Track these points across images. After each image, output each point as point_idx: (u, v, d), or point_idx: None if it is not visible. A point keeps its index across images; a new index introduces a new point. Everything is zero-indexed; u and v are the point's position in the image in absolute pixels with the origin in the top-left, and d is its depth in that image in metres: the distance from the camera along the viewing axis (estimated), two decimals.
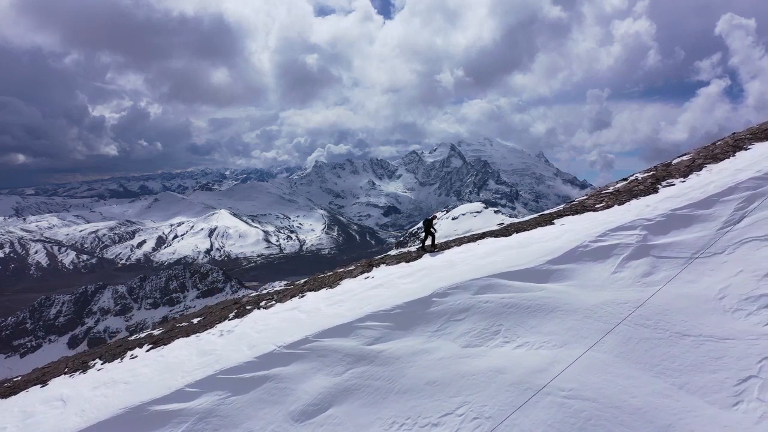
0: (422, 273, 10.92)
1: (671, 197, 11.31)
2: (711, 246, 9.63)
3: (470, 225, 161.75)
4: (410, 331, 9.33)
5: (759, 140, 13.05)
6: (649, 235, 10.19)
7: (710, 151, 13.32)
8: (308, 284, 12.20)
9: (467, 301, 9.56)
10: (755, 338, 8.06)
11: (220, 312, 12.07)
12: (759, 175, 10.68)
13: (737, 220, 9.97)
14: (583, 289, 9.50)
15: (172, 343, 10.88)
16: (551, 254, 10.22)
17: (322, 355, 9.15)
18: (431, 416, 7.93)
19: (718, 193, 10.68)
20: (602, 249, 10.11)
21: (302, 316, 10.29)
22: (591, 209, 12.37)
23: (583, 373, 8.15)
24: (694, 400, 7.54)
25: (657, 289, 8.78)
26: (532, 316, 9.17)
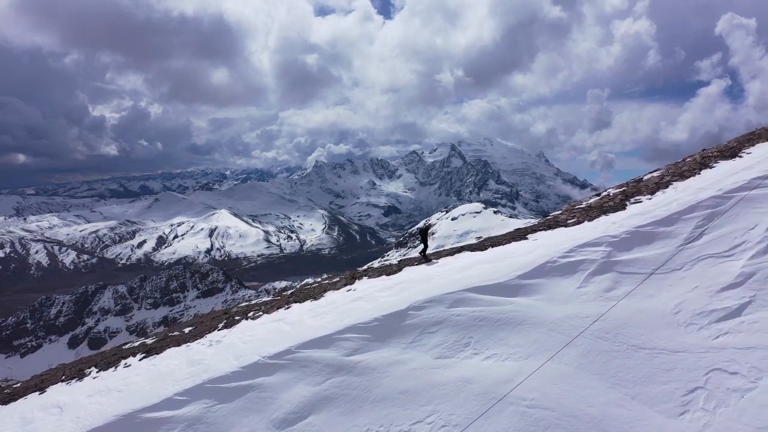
0: (401, 286, 11.51)
1: (637, 214, 11.88)
2: (670, 262, 10.21)
3: (470, 225, 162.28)
4: (387, 342, 9.92)
5: (725, 158, 13.61)
6: (613, 252, 10.77)
7: (679, 168, 13.89)
8: (294, 296, 12.79)
9: (441, 314, 10.15)
10: (704, 351, 8.64)
11: (211, 322, 12.67)
12: (719, 194, 11.25)
13: (696, 238, 10.54)
14: (549, 303, 10.08)
15: (163, 353, 11.47)
16: (522, 269, 10.81)
17: (304, 365, 9.74)
18: (403, 424, 8.51)
19: (680, 211, 11.25)
20: (569, 264, 10.69)
21: (287, 328, 10.88)
22: (563, 225, 12.95)
23: (545, 383, 8.74)
24: (645, 409, 8.12)
25: (613, 304, 9.36)
26: (500, 328, 9.76)
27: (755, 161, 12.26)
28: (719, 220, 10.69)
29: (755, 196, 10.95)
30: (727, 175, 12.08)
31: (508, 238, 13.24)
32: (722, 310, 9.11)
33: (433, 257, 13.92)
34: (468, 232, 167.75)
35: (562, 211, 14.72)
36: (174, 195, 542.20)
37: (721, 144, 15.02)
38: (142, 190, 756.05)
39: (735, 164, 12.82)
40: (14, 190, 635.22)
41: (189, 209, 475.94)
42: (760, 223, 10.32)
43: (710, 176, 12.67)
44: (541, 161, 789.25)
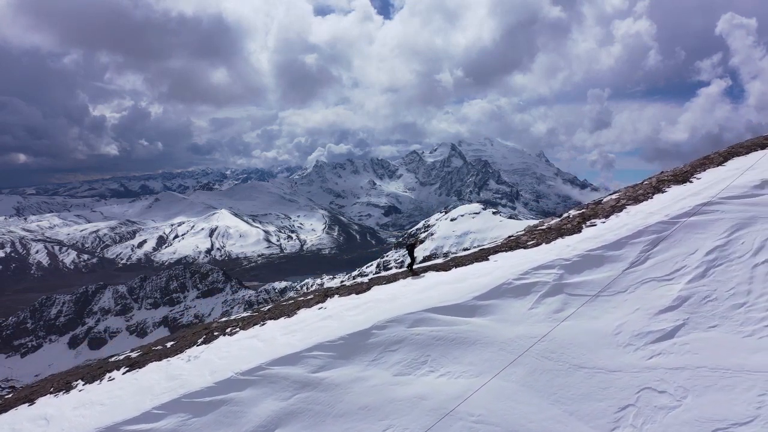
0: (368, 306, 12.24)
1: (590, 238, 12.60)
2: (616, 285, 10.94)
3: (469, 226, 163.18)
4: (350, 360, 10.66)
5: (677, 183, 14.32)
6: (565, 274, 11.50)
7: (635, 192, 14.60)
8: (270, 312, 13.53)
9: (402, 334, 10.89)
10: (638, 371, 9.38)
11: (191, 337, 13.42)
12: (666, 219, 11.96)
13: (641, 261, 11.26)
14: (502, 323, 10.83)
15: (145, 367, 12.22)
16: (479, 290, 11.54)
17: (273, 381, 10.49)
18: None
19: (628, 236, 11.96)
20: (523, 286, 11.42)
21: (260, 345, 11.62)
22: (523, 246, 13.67)
23: (493, 400, 9.49)
24: (580, 425, 8.87)
25: (554, 325, 10.10)
26: (456, 347, 10.50)
27: (703, 187, 12.97)
28: (663, 245, 11.41)
29: (698, 222, 11.67)
30: (676, 201, 12.79)
31: (471, 258, 13.96)
32: (658, 332, 9.85)
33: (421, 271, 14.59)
34: (467, 233, 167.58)
35: (524, 231, 15.44)
36: (174, 195, 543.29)
37: (677, 168, 15.73)
38: (142, 190, 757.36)
39: (685, 189, 13.53)
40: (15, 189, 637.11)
41: (189, 209, 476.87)
42: (700, 248, 11.03)
43: (661, 201, 13.37)
44: (541, 161, 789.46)
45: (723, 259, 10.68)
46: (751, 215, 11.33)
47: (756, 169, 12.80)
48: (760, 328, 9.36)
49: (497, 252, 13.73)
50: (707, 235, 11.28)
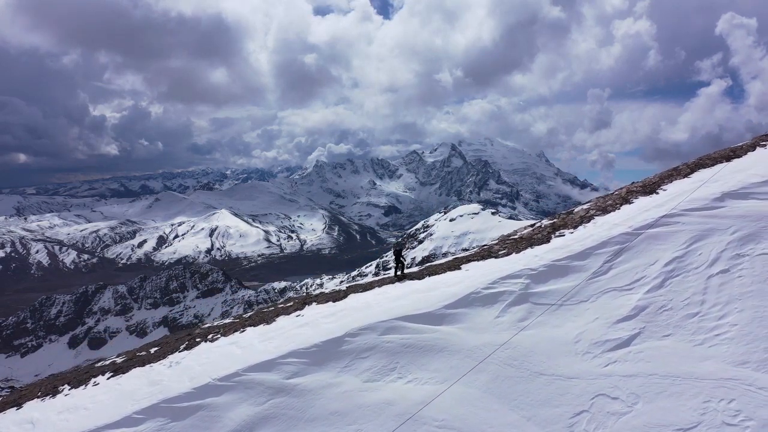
0: (343, 313, 12.70)
1: (557, 248, 13.04)
2: (579, 294, 11.39)
3: (468, 226, 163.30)
4: (323, 366, 11.13)
5: (645, 194, 14.74)
6: (531, 284, 11.95)
7: (604, 202, 15.04)
8: (251, 319, 13.99)
9: (373, 341, 11.35)
10: (594, 378, 9.84)
11: (174, 343, 13.88)
12: (629, 231, 12.40)
13: (604, 272, 11.71)
14: (469, 331, 11.28)
15: (129, 372, 12.69)
16: (449, 299, 12.00)
17: (249, 387, 10.95)
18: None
19: (593, 246, 12.41)
20: (491, 295, 11.87)
21: (238, 351, 12.09)
22: (495, 255, 14.13)
23: (456, 405, 9.96)
24: (536, 430, 9.33)
25: (515, 333, 10.56)
26: (424, 355, 10.97)
27: (667, 199, 13.39)
28: (625, 256, 11.85)
29: (659, 233, 12.11)
30: (641, 212, 13.22)
31: (445, 267, 14.42)
32: (615, 340, 10.30)
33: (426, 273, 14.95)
34: (466, 233, 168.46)
35: (497, 241, 15.89)
36: (174, 195, 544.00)
37: (647, 179, 16.17)
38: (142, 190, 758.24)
39: (651, 201, 13.95)
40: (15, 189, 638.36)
41: (189, 209, 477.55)
42: (660, 259, 11.47)
43: (627, 212, 13.80)
44: (541, 161, 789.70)
45: (680, 270, 11.12)
46: (709, 227, 11.77)
47: (718, 182, 13.24)
48: (711, 337, 9.80)
49: (470, 261, 14.18)
50: (667, 246, 11.72)
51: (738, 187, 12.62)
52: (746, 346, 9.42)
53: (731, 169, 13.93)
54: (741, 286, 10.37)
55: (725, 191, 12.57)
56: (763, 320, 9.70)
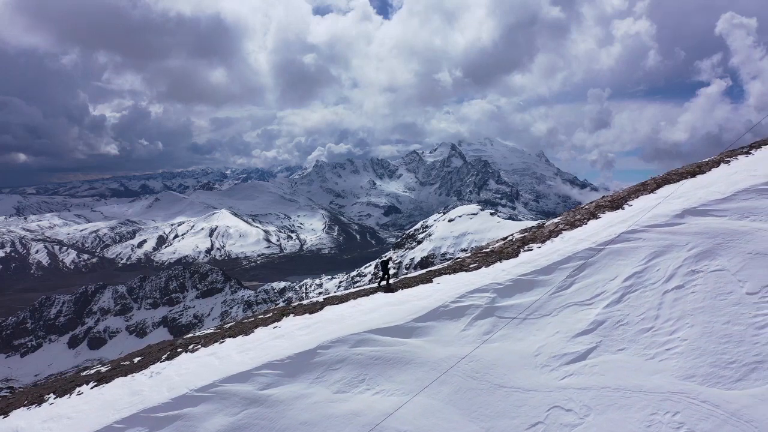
0: (318, 326, 13.17)
1: (524, 262, 13.50)
2: (542, 308, 11.85)
3: (466, 227, 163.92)
4: (296, 378, 11.60)
5: (611, 210, 15.19)
6: (497, 298, 12.42)
7: (573, 217, 15.50)
8: (231, 330, 14.47)
9: (344, 353, 11.83)
10: (550, 390, 10.32)
11: (157, 352, 14.36)
12: (593, 246, 12.86)
13: (567, 286, 12.17)
14: (436, 344, 11.76)
15: (112, 382, 13.17)
16: (418, 312, 12.48)
17: (224, 397, 11.43)
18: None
19: (558, 261, 12.87)
20: (458, 309, 12.34)
21: (216, 362, 12.57)
22: (465, 269, 14.59)
23: (419, 416, 10.44)
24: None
25: (476, 346, 11.04)
26: (392, 367, 11.44)
27: (632, 214, 13.82)
28: (588, 271, 12.31)
29: (621, 248, 12.56)
30: (606, 227, 13.67)
31: (418, 280, 14.90)
32: (572, 354, 10.78)
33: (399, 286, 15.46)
34: (465, 234, 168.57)
35: (471, 254, 16.36)
36: (174, 194, 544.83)
37: (617, 193, 16.60)
38: (142, 190, 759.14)
39: (616, 216, 14.39)
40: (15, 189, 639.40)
41: (189, 209, 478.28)
42: (620, 274, 11.93)
43: (593, 227, 14.24)
44: (541, 161, 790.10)
45: (638, 285, 11.58)
46: (668, 243, 12.21)
47: (681, 198, 13.68)
48: (662, 351, 10.27)
49: (442, 274, 14.65)
50: (627, 262, 12.18)
51: (698, 203, 13.06)
52: (694, 360, 9.89)
53: (694, 186, 14.38)
54: (693, 302, 10.84)
55: (686, 208, 13.01)
56: (712, 335, 10.17)
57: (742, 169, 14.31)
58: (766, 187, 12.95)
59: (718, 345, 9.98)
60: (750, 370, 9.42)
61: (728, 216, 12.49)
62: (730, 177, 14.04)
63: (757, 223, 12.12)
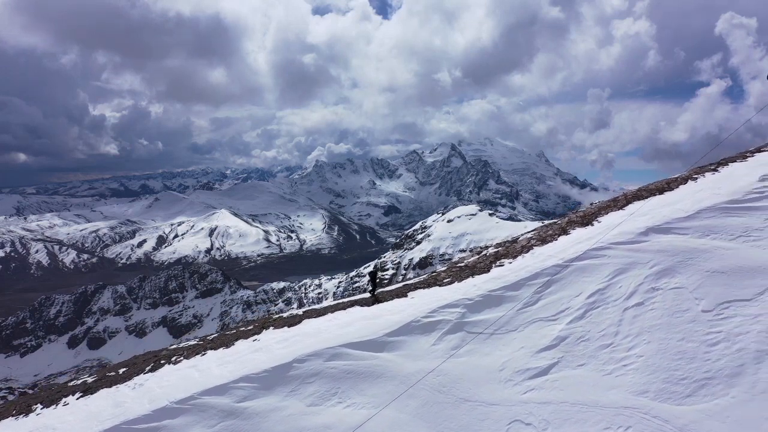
0: (295, 339, 13.63)
1: (494, 278, 13.95)
2: (509, 324, 12.30)
3: (465, 228, 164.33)
4: (271, 391, 12.07)
5: (581, 225, 15.63)
6: (467, 313, 12.86)
7: (545, 232, 15.95)
8: (213, 342, 14.93)
9: (318, 367, 12.29)
10: (513, 404, 10.77)
11: (142, 363, 14.84)
12: (560, 263, 13.31)
13: (534, 302, 12.62)
14: (407, 358, 12.22)
15: (97, 393, 13.65)
16: (391, 327, 12.93)
17: (203, 410, 11.90)
18: None
19: (526, 277, 13.31)
20: (430, 324, 12.80)
21: (196, 375, 13.04)
22: (440, 283, 15.05)
23: (386, 429, 10.90)
24: None
25: (443, 360, 11.51)
26: (363, 380, 11.90)
27: (598, 231, 14.25)
28: (554, 287, 12.75)
29: (587, 265, 13.00)
30: (574, 244, 14.10)
31: (393, 294, 15.36)
32: (535, 369, 11.23)
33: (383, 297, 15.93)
34: (463, 234, 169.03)
35: (446, 267, 16.82)
36: (174, 194, 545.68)
37: (588, 209, 17.04)
38: (142, 189, 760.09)
39: (585, 233, 14.80)
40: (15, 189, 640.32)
41: (189, 209, 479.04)
42: (584, 291, 12.37)
43: (562, 244, 14.68)
44: (541, 161, 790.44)
45: (601, 302, 12.02)
46: (631, 261, 12.65)
47: (647, 215, 14.11)
48: (619, 367, 10.72)
49: (417, 289, 15.11)
50: (592, 279, 12.62)
51: (662, 221, 13.49)
52: (648, 376, 10.35)
53: (661, 203, 14.80)
54: (652, 319, 11.28)
55: (650, 226, 13.44)
56: (666, 352, 10.62)
57: (708, 187, 14.73)
58: (727, 206, 13.40)
59: (672, 361, 10.42)
60: (700, 386, 9.87)
61: (690, 234, 12.93)
62: (695, 195, 14.47)
63: (717, 241, 12.56)
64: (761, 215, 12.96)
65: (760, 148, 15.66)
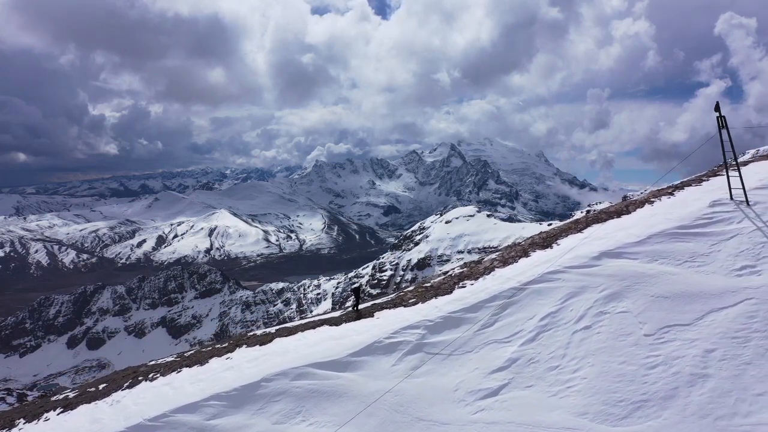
0: (265, 358, 14.28)
1: (455, 300, 14.57)
2: (466, 345, 12.93)
3: (463, 229, 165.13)
4: (240, 409, 12.72)
5: (542, 248, 16.26)
6: (427, 334, 13.50)
7: (508, 253, 16.57)
8: (189, 359, 15.59)
9: (285, 386, 12.94)
10: (463, 424, 11.41)
11: (121, 380, 15.50)
12: (517, 285, 13.92)
13: (491, 324, 13.24)
14: (368, 378, 12.86)
15: (77, 409, 14.31)
16: (356, 347, 13.57)
17: (174, 427, 12.56)
18: None
19: (485, 299, 13.93)
20: (391, 345, 13.43)
21: (171, 392, 13.70)
22: (404, 304, 15.67)
23: None
24: None
25: (399, 381, 12.16)
26: (326, 399, 12.55)
27: (556, 255, 14.86)
28: (511, 309, 13.37)
29: (542, 288, 13.62)
30: (532, 267, 14.72)
31: (363, 314, 16.00)
32: (486, 390, 11.86)
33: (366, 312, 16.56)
34: (461, 235, 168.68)
35: (414, 287, 17.46)
36: (174, 194, 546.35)
37: (551, 230, 17.65)
38: (142, 189, 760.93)
39: (544, 255, 15.42)
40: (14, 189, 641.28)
41: (189, 209, 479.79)
42: (538, 314, 12.99)
43: (522, 266, 15.29)
44: (540, 161, 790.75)
45: (552, 324, 12.63)
46: (583, 285, 13.26)
47: (602, 239, 14.73)
48: (563, 389, 11.35)
49: (383, 309, 15.75)
50: (545, 302, 13.23)
51: (615, 246, 14.10)
52: (589, 398, 10.98)
53: (616, 227, 15.41)
54: (597, 342, 11.90)
55: (603, 250, 14.05)
56: (608, 375, 11.25)
57: (662, 212, 15.33)
58: (676, 231, 14.01)
59: (612, 384, 11.05)
60: (635, 408, 10.50)
61: (640, 259, 13.54)
62: (649, 219, 15.07)
63: (664, 266, 13.18)
64: (708, 241, 13.60)
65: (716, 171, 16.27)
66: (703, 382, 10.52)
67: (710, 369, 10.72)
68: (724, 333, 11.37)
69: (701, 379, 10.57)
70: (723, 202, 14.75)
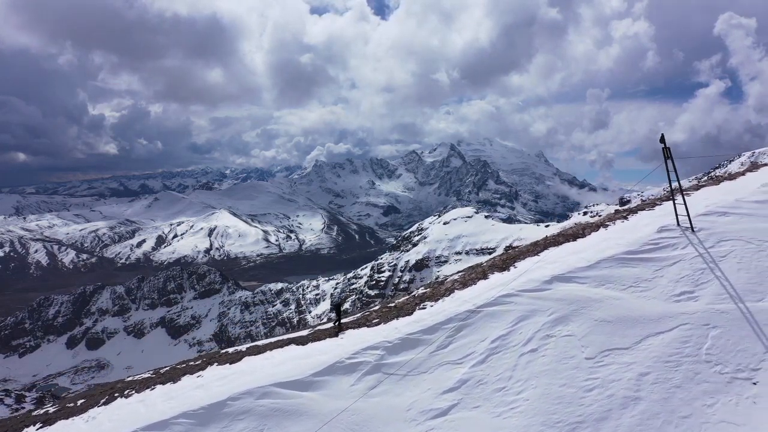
0: (234, 376, 14.99)
1: (415, 321, 15.27)
2: (421, 366, 13.64)
3: (461, 230, 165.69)
4: (206, 427, 13.42)
5: (500, 270, 16.95)
6: (386, 355, 14.20)
7: (469, 275, 17.26)
8: (164, 376, 16.31)
9: (249, 405, 13.65)
10: None
11: (98, 395, 16.22)
12: (473, 308, 14.61)
13: (446, 346, 13.94)
14: (328, 397, 13.57)
15: (55, 424, 15.04)
16: (318, 367, 14.28)
17: None
18: None
19: (442, 321, 14.62)
20: (352, 365, 14.14)
21: (143, 410, 14.41)
22: (368, 324, 16.37)
23: None
24: None
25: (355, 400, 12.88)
26: (288, 418, 13.26)
27: (511, 278, 15.56)
28: (465, 331, 14.06)
29: (496, 311, 14.30)
30: (489, 289, 15.40)
31: (327, 333, 16.72)
32: (436, 410, 12.57)
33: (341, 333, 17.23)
34: (459, 236, 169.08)
35: (380, 307, 18.15)
36: (174, 194, 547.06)
37: (510, 252, 18.32)
38: (142, 189, 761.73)
39: (501, 278, 16.10)
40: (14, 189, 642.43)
41: (189, 208, 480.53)
42: (489, 336, 13.68)
43: (479, 288, 15.97)
44: (540, 161, 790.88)
45: (502, 347, 13.33)
46: (533, 308, 13.95)
47: (556, 263, 15.41)
48: (507, 410, 12.05)
49: (349, 328, 16.45)
50: (497, 325, 13.92)
51: (566, 270, 14.78)
52: (530, 419, 11.68)
53: (569, 251, 16.09)
54: (542, 365, 12.60)
55: (555, 274, 14.73)
56: (549, 396, 11.96)
57: (614, 236, 16.02)
58: (624, 257, 14.70)
59: (551, 405, 11.76)
60: (571, 430, 11.20)
61: (588, 284, 14.24)
62: (600, 243, 15.76)
63: (610, 291, 13.87)
64: (653, 266, 14.30)
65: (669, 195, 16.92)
66: (635, 404, 11.22)
67: (642, 392, 11.42)
68: (659, 357, 12.09)
69: (633, 402, 11.27)
70: (670, 228, 15.44)
